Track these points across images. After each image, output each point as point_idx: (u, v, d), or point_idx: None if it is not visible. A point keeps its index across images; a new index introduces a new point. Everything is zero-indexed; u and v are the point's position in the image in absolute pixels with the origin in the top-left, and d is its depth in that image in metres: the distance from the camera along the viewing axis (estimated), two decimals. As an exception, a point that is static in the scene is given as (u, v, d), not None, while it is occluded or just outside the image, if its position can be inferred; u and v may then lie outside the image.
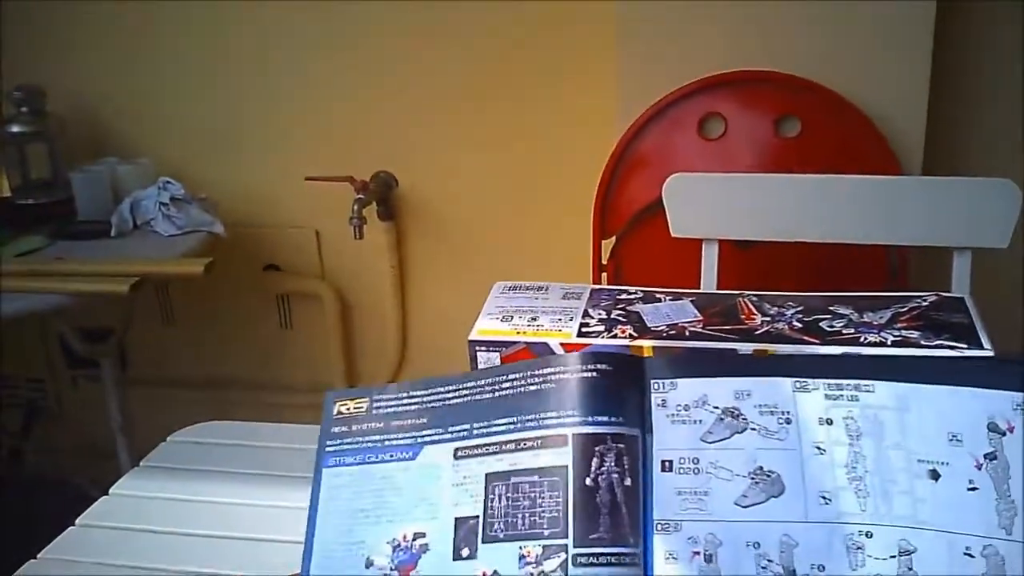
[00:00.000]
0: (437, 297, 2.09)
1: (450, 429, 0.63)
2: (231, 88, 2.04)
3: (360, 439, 0.65)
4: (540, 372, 0.63)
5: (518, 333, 0.78)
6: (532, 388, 0.62)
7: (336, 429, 0.67)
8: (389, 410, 0.65)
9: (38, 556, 0.90)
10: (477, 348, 0.78)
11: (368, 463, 0.64)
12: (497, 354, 0.78)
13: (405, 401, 0.66)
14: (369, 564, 0.61)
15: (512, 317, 0.80)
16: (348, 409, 0.67)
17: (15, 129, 1.96)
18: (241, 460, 1.04)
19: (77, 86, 2.08)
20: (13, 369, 2.36)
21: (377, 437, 0.65)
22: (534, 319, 0.79)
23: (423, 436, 0.63)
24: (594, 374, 0.61)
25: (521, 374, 0.63)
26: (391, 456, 0.63)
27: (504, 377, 0.64)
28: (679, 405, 0.60)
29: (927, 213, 1.25)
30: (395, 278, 2.07)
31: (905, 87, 1.58)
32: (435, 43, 1.91)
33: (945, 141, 1.69)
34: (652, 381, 0.62)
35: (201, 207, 1.89)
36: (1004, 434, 0.55)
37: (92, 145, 2.07)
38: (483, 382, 0.64)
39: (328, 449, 0.66)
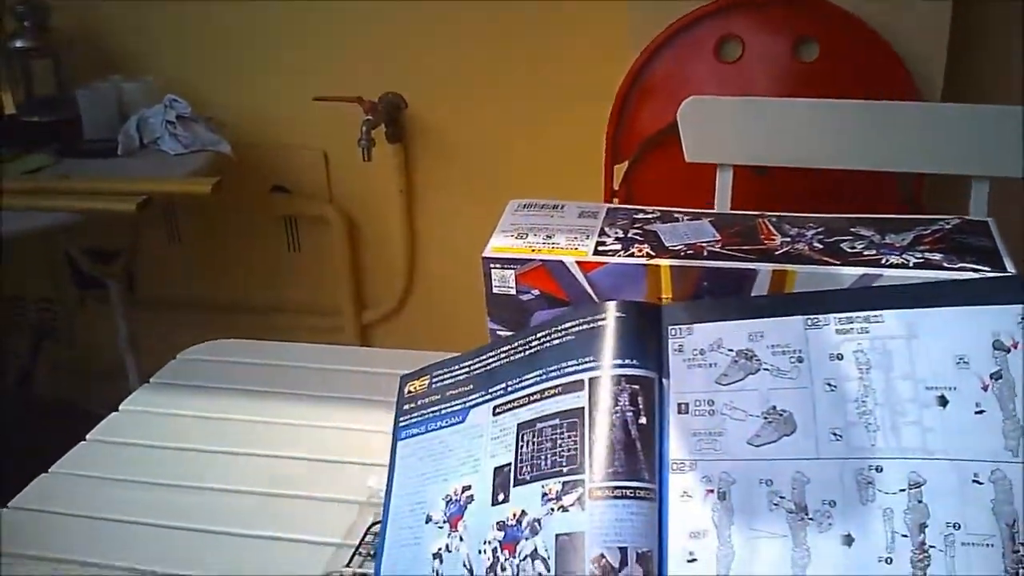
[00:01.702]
0: (445, 220, 2.07)
1: (490, 390, 0.67)
2: (240, 6, 2.00)
3: (423, 412, 0.71)
4: (564, 326, 0.65)
5: (533, 251, 0.77)
6: (556, 342, 0.65)
7: (407, 407, 0.73)
8: (445, 382, 0.71)
9: (50, 470, 0.91)
10: (492, 265, 0.77)
11: (429, 432, 0.70)
12: (512, 271, 0.77)
13: (455, 372, 0.71)
14: (428, 520, 0.65)
15: (527, 235, 0.79)
16: (415, 388, 0.73)
17: (19, 44, 1.93)
18: (251, 377, 1.04)
19: (82, 4, 2.05)
20: (21, 290, 2.36)
21: (435, 408, 0.71)
22: (549, 237, 0.78)
23: (470, 400, 0.68)
24: (612, 322, 0.62)
25: (548, 330, 0.66)
26: (445, 423, 0.69)
27: (535, 336, 0.67)
28: (695, 349, 0.61)
29: (946, 141, 1.23)
30: (403, 200, 2.05)
31: (926, 12, 1.55)
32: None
33: (966, 67, 1.66)
34: (669, 327, 0.63)
35: (208, 126, 1.87)
36: (1008, 351, 0.54)
37: (98, 63, 2.05)
38: (517, 344, 0.68)
39: (401, 424, 0.73)
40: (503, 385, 0.66)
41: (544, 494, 0.58)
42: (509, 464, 0.62)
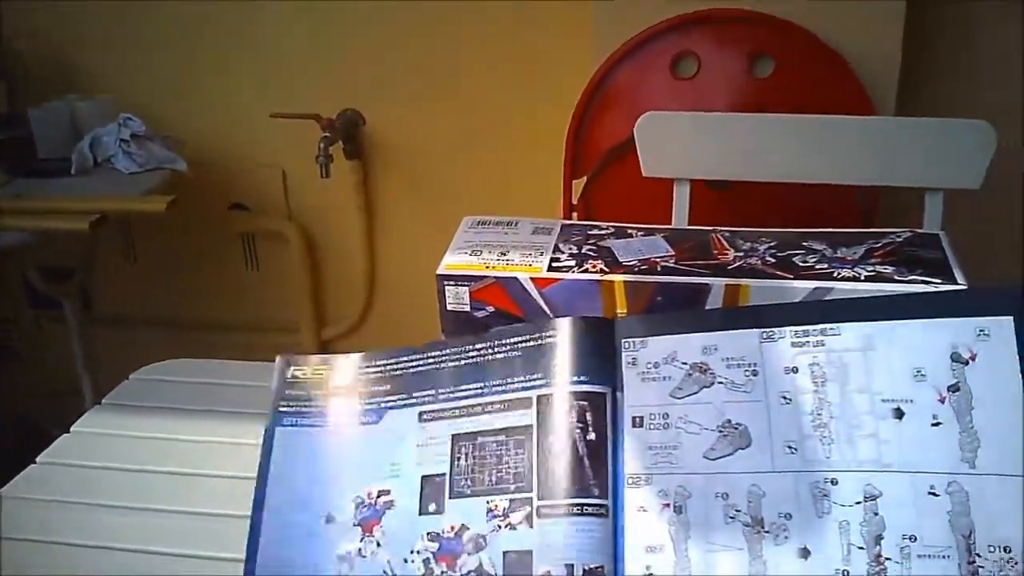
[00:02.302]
0: (405, 236, 2.07)
1: (414, 395, 0.64)
2: (195, 24, 1.99)
3: (315, 404, 0.67)
4: (509, 341, 0.64)
5: (487, 268, 0.76)
6: (500, 355, 0.63)
7: (291, 392, 0.68)
8: (351, 379, 0.67)
9: (-1, 494, 0.89)
10: (445, 283, 0.77)
11: (329, 427, 0.66)
12: (466, 288, 0.76)
13: (368, 370, 0.67)
14: (330, 520, 0.62)
15: (481, 251, 0.79)
16: (305, 374, 0.68)
17: (-29, 64, 1.91)
18: (204, 397, 1.03)
19: (37, 22, 2.02)
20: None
21: (340, 403, 0.66)
22: (504, 254, 0.78)
23: (386, 402, 0.65)
24: (561, 338, 0.61)
25: (489, 343, 0.65)
26: (352, 420, 0.65)
27: (471, 346, 0.65)
28: (649, 363, 0.61)
29: (900, 154, 1.25)
30: (362, 217, 2.05)
31: (879, 26, 1.57)
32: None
33: (919, 81, 1.68)
34: (623, 341, 0.62)
35: (163, 144, 1.86)
36: (967, 363, 0.54)
37: (52, 82, 2.02)
38: (448, 351, 0.65)
39: (283, 409, 0.67)
40: (430, 392, 0.64)
41: (489, 510, 0.58)
42: (443, 475, 0.60)
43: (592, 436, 0.58)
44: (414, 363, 0.66)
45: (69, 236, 1.61)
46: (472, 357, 0.64)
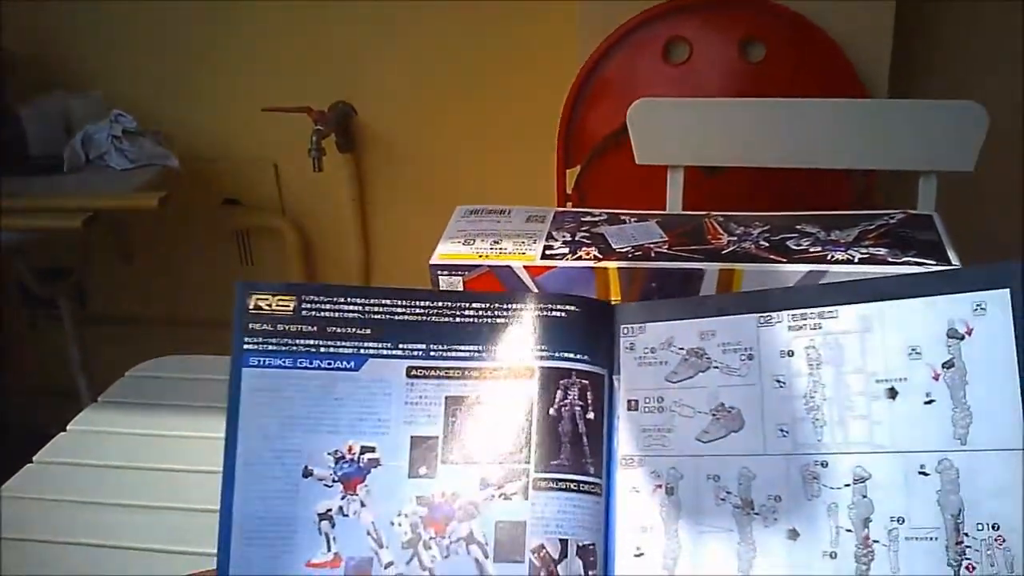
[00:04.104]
0: (399, 228, 2.06)
1: (400, 345, 0.60)
2: (184, 20, 1.98)
3: (289, 341, 0.60)
4: (508, 306, 0.61)
5: (480, 256, 0.76)
6: (499, 320, 0.61)
7: (256, 326, 0.61)
8: (323, 314, 0.61)
9: (-3, 493, 0.89)
10: (439, 272, 0.77)
11: (300, 368, 0.60)
12: (459, 278, 0.76)
13: (342, 306, 0.61)
14: (307, 473, 0.58)
15: (474, 240, 0.79)
16: (269, 305, 0.62)
17: (-39, 63, 1.90)
18: (200, 393, 1.03)
19: (26, 20, 2.01)
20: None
21: (311, 341, 0.60)
22: (497, 242, 0.78)
23: (367, 347, 0.60)
24: (563, 314, 0.60)
25: (486, 304, 0.62)
26: (329, 364, 0.60)
27: (467, 304, 0.62)
28: (647, 348, 0.61)
29: (893, 136, 1.24)
30: (356, 210, 2.04)
31: (871, 8, 1.56)
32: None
33: (911, 63, 1.68)
34: (621, 326, 0.62)
35: (155, 140, 1.85)
36: (962, 338, 0.54)
37: (42, 80, 2.01)
38: (440, 304, 0.61)
39: (248, 347, 0.61)
40: (421, 345, 0.60)
41: (483, 479, 0.57)
42: (434, 438, 0.58)
43: (591, 415, 0.58)
44: (400, 309, 0.61)
45: (62, 234, 1.61)
46: (468, 316, 0.61)
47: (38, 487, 0.90)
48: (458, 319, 0.61)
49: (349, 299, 0.61)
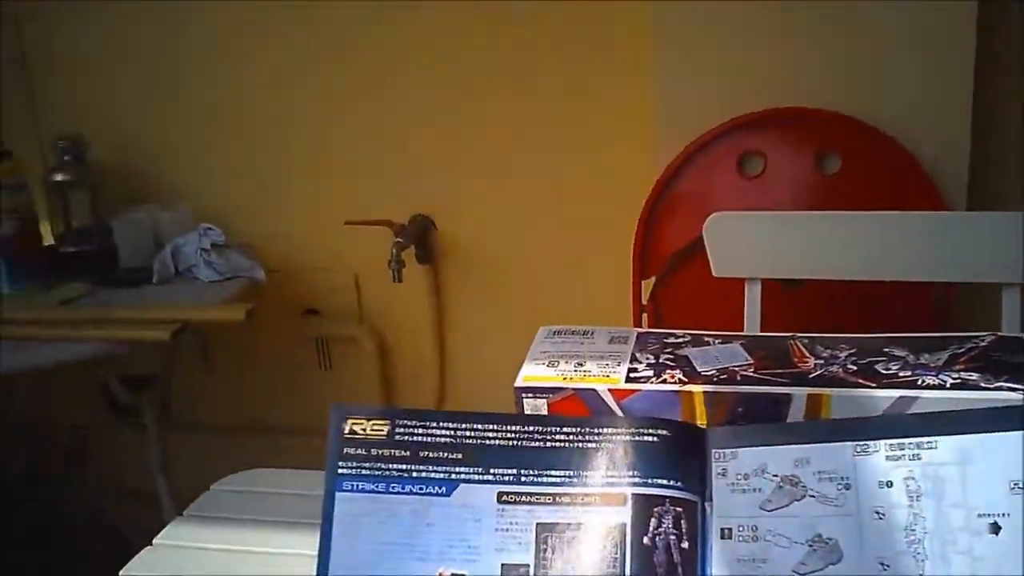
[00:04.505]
0: (475, 340, 2.08)
1: (492, 471, 0.60)
2: (268, 135, 2.06)
3: (382, 465, 0.61)
4: (599, 430, 0.61)
5: (565, 379, 0.77)
6: (590, 444, 0.61)
7: (350, 450, 0.63)
8: (416, 438, 0.62)
9: (83, 609, 0.90)
10: (524, 395, 0.77)
11: (392, 493, 0.61)
12: (544, 400, 0.77)
13: (434, 430, 0.62)
14: None
15: (558, 362, 0.79)
16: (364, 429, 0.63)
17: (58, 178, 1.98)
18: (285, 508, 1.03)
19: (116, 135, 2.11)
20: (56, 416, 2.38)
21: (403, 465, 0.61)
22: (580, 364, 0.78)
23: (458, 472, 0.61)
24: (654, 439, 0.60)
25: (577, 428, 0.62)
26: (421, 489, 0.60)
27: (558, 428, 0.62)
28: (739, 474, 0.60)
29: (973, 249, 1.23)
30: (434, 321, 2.07)
31: (947, 120, 1.57)
32: (473, 89, 1.91)
33: (990, 172, 1.67)
34: (713, 451, 0.61)
35: (241, 253, 1.90)
36: None
37: (132, 191, 2.10)
38: (531, 429, 0.62)
39: (342, 471, 0.62)
40: (512, 471, 0.60)
41: None
42: (526, 565, 0.57)
43: (685, 544, 0.57)
44: (491, 434, 0.61)
45: (151, 345, 1.65)
46: (559, 441, 0.61)
47: (126, 601, 0.91)
48: (549, 443, 0.61)
49: (441, 424, 0.62)
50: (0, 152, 1.82)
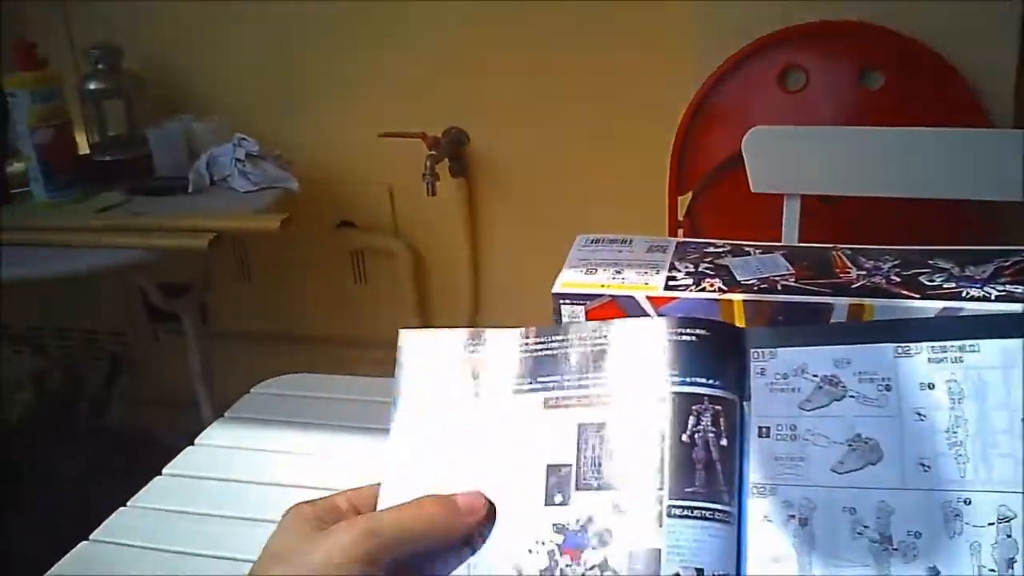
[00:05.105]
0: (509, 252, 2.08)
1: (539, 379, 0.62)
2: (305, 46, 2.04)
3: (440, 379, 0.64)
4: (637, 332, 0.61)
5: (603, 286, 0.77)
6: (629, 346, 0.61)
7: (413, 367, 0.65)
8: (472, 355, 0.64)
9: (127, 504, 0.92)
10: (562, 301, 0.77)
11: (450, 401, 0.63)
12: (582, 307, 0.77)
13: (489, 348, 0.64)
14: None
15: (596, 270, 0.79)
16: (427, 348, 0.65)
17: (92, 86, 1.99)
18: (324, 412, 1.05)
19: (154, 46, 2.10)
20: (95, 324, 2.42)
21: (460, 379, 0.63)
22: (619, 272, 0.78)
23: (511, 384, 0.62)
24: (693, 338, 0.60)
25: (616, 331, 0.62)
26: (479, 400, 0.62)
27: (600, 333, 0.62)
28: (778, 374, 0.59)
29: (1017, 166, 1.21)
30: (467, 234, 2.07)
31: (994, 37, 1.53)
32: (508, 1, 1.89)
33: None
34: (752, 350, 0.61)
35: (276, 164, 1.91)
36: None
37: (166, 102, 2.10)
38: (574, 337, 0.62)
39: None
40: (557, 378, 0.61)
41: (616, 504, 0.56)
42: (568, 465, 0.58)
43: (724, 442, 0.58)
44: (538, 347, 0.63)
45: (187, 253, 1.66)
46: (599, 344, 0.61)
47: (167, 498, 0.93)
48: (590, 348, 0.62)
49: (501, 341, 0.64)
50: (35, 60, 1.82)
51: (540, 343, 0.63)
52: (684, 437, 0.57)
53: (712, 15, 1.63)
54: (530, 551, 0.57)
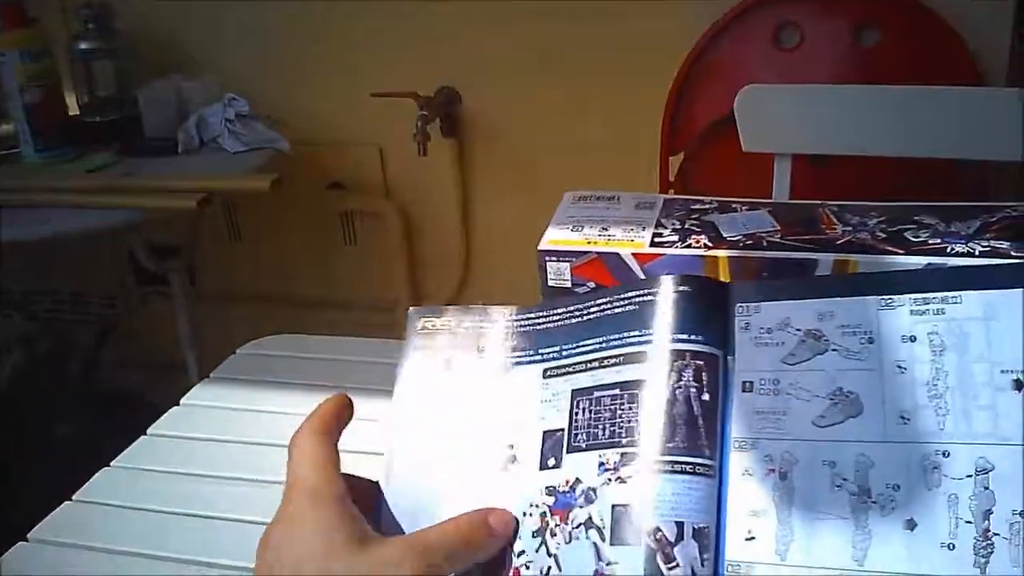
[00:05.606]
0: (500, 213, 2.07)
1: (539, 351, 0.64)
2: (296, 6, 2.02)
3: (446, 352, 0.66)
4: (626, 295, 0.62)
5: (589, 243, 0.76)
6: (618, 310, 0.62)
7: (422, 341, 0.67)
8: (476, 330, 0.66)
9: (112, 464, 0.92)
10: (547, 258, 0.77)
11: (454, 372, 0.65)
12: (567, 264, 0.76)
13: (493, 323, 0.66)
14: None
15: (583, 227, 0.79)
16: (433, 325, 0.67)
17: (83, 46, 1.96)
18: (310, 372, 1.05)
19: (143, 5, 2.08)
20: (84, 286, 2.41)
21: (465, 352, 0.65)
22: (605, 229, 0.78)
23: (512, 357, 0.64)
24: (676, 294, 0.60)
25: (608, 298, 0.63)
26: (481, 372, 0.64)
27: (592, 302, 0.63)
28: (762, 328, 0.60)
29: (1010, 126, 1.20)
30: (458, 194, 2.06)
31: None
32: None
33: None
34: (736, 305, 0.61)
35: (266, 124, 1.89)
36: None
37: (157, 62, 2.08)
38: (572, 308, 0.64)
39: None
40: (555, 348, 0.63)
41: (601, 463, 0.57)
42: (561, 430, 0.60)
43: (706, 396, 0.58)
44: (539, 320, 0.65)
45: (176, 214, 1.65)
46: (593, 313, 0.63)
47: (151, 459, 0.93)
48: (585, 317, 0.63)
49: (506, 316, 0.66)
50: (24, 19, 1.79)
51: (541, 316, 0.65)
52: (667, 393, 0.58)
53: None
54: (525, 514, 0.58)
